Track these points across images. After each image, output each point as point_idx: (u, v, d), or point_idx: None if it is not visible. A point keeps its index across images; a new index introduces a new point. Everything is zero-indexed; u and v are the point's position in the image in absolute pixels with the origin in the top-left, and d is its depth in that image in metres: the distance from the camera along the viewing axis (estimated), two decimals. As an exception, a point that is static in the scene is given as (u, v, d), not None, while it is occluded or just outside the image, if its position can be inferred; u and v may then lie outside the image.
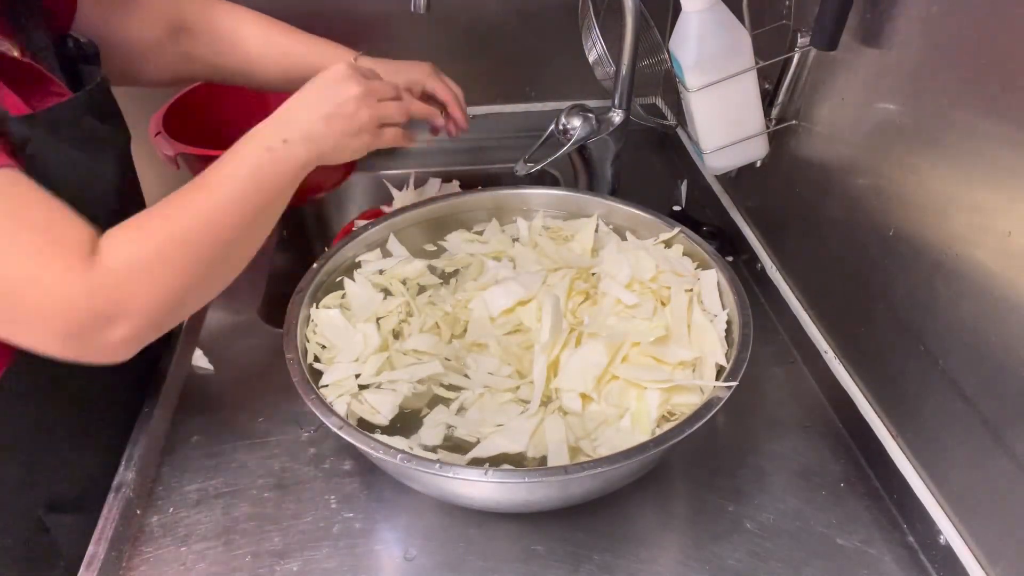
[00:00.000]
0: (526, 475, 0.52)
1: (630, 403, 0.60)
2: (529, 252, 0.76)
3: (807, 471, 0.67)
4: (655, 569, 0.60)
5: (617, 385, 0.61)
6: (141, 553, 0.61)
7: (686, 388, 0.59)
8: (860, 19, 0.64)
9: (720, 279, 0.67)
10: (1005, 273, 0.50)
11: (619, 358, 0.61)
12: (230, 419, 0.72)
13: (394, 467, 0.56)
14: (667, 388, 0.59)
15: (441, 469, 0.52)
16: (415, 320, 0.69)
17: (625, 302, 0.66)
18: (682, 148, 1.12)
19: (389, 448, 0.53)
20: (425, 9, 0.76)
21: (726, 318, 0.64)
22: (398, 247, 0.77)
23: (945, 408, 0.58)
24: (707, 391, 0.58)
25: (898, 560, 0.60)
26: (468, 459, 0.57)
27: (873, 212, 0.65)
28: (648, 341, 0.62)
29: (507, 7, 1.10)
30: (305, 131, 0.58)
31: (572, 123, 0.87)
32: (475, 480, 0.51)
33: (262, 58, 0.79)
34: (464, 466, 0.53)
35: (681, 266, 0.70)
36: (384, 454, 0.52)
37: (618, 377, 0.61)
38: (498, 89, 1.19)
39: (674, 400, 0.59)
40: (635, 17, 0.82)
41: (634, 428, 0.58)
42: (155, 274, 0.50)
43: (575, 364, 0.61)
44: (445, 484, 0.56)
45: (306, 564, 0.60)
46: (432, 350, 0.66)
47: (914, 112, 0.59)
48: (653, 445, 0.52)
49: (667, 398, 0.59)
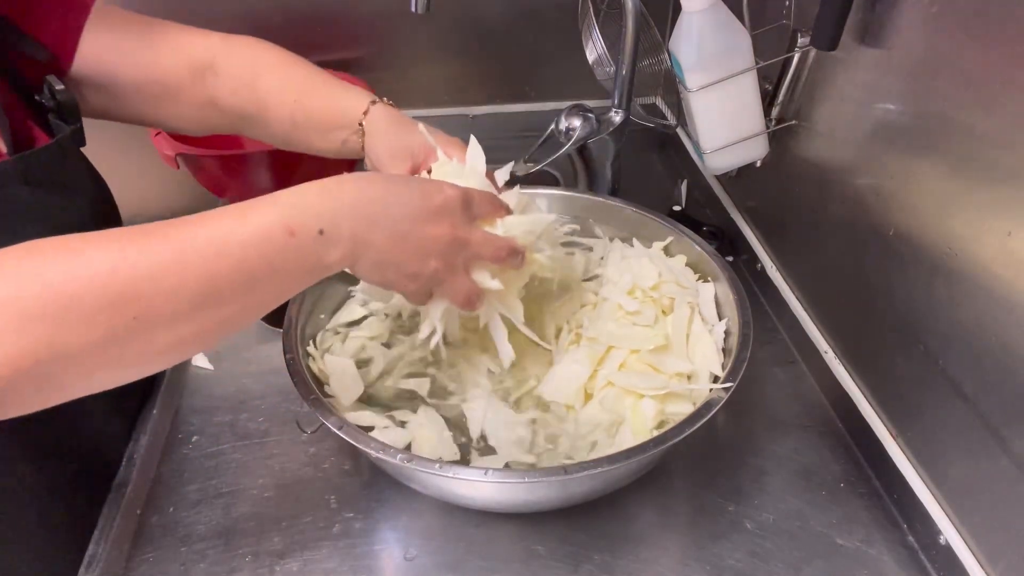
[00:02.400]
0: (526, 475, 0.52)
1: (625, 412, 0.60)
2: None
3: (807, 471, 0.67)
4: (655, 569, 0.60)
5: (613, 392, 0.61)
6: (141, 553, 0.61)
7: (680, 396, 0.59)
8: (860, 19, 0.64)
9: (717, 291, 0.67)
10: (1005, 273, 0.50)
11: (615, 365, 0.61)
12: (230, 419, 0.72)
13: (393, 467, 0.56)
14: (662, 395, 0.59)
15: (441, 469, 0.52)
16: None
17: (626, 308, 0.66)
18: (682, 148, 1.12)
19: (388, 448, 0.53)
20: (425, 9, 0.76)
21: (724, 328, 0.64)
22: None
23: (945, 408, 0.58)
24: (703, 397, 0.58)
25: (898, 560, 0.60)
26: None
27: (873, 212, 0.65)
28: (647, 349, 0.62)
29: (507, 7, 1.10)
30: (355, 231, 0.44)
31: (572, 123, 0.87)
32: (475, 480, 0.51)
33: (277, 95, 0.66)
34: (464, 466, 0.53)
35: (684, 277, 0.70)
36: (384, 454, 0.52)
37: (614, 384, 0.61)
38: (498, 89, 1.19)
39: (668, 409, 0.60)
40: (635, 17, 0.82)
41: (635, 438, 0.58)
42: (8, 318, 0.36)
43: (559, 373, 0.62)
44: (445, 484, 0.56)
45: (306, 564, 0.60)
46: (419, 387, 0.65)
47: (914, 112, 0.59)
48: (653, 445, 0.52)
49: (662, 408, 0.59)
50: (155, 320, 0.39)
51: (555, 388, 0.62)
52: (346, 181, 0.46)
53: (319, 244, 0.43)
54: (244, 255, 0.41)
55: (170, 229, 0.40)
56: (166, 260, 0.39)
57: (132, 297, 0.38)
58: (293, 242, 0.42)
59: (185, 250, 0.39)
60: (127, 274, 0.38)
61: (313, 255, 0.43)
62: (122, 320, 0.38)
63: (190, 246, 0.40)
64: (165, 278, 0.39)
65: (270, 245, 0.41)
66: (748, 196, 0.93)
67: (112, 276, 0.38)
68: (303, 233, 0.42)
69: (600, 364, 0.62)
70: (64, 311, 0.37)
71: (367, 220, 0.45)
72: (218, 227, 0.41)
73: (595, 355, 0.62)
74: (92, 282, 0.37)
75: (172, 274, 0.39)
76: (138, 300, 0.38)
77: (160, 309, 0.39)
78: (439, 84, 1.17)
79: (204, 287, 0.40)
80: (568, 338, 0.66)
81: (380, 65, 1.14)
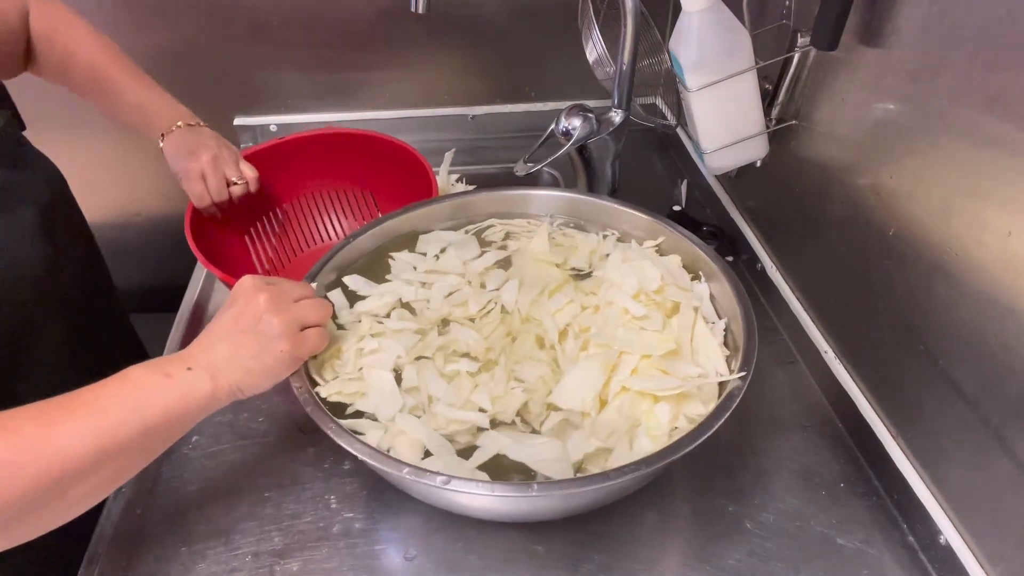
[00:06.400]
0: (529, 489, 0.51)
1: (640, 416, 0.59)
2: (528, 264, 0.74)
3: (807, 471, 0.67)
4: (655, 569, 0.60)
5: (628, 397, 0.60)
6: (141, 553, 0.61)
7: (693, 397, 0.59)
8: (860, 19, 0.64)
9: (713, 289, 0.67)
10: (1005, 273, 0.50)
11: (628, 371, 0.61)
12: (230, 419, 0.72)
13: (397, 479, 0.55)
14: (677, 396, 0.58)
15: (445, 483, 0.50)
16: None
17: (633, 313, 0.65)
18: (682, 148, 1.12)
19: (390, 460, 0.52)
20: (425, 9, 0.76)
21: (724, 325, 0.64)
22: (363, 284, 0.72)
23: (945, 408, 0.58)
24: (713, 397, 0.58)
25: (898, 560, 0.60)
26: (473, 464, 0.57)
27: (873, 212, 0.65)
28: (659, 354, 0.61)
29: (507, 7, 1.10)
30: (208, 359, 0.52)
31: (572, 123, 0.87)
32: (479, 494, 0.50)
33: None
34: (466, 479, 0.51)
35: (681, 278, 0.69)
36: (386, 465, 0.51)
37: (628, 389, 0.60)
38: (498, 89, 1.19)
39: (683, 411, 0.59)
40: (635, 17, 0.82)
41: (654, 443, 0.57)
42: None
43: (572, 380, 0.61)
44: (444, 496, 0.55)
45: (306, 564, 0.60)
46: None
47: (914, 112, 0.59)
48: (670, 452, 0.52)
49: (677, 412, 0.59)
50: (74, 475, 0.45)
51: (570, 395, 0.60)
52: (204, 331, 0.55)
53: (190, 379, 0.51)
54: (140, 400, 0.48)
55: (72, 401, 0.46)
56: (89, 449, 0.45)
57: (60, 458, 0.44)
58: (167, 383, 0.50)
59: (91, 409, 0.46)
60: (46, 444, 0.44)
61: (192, 389, 0.51)
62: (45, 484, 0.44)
63: (98, 405, 0.47)
64: (83, 438, 0.45)
65: (160, 383, 0.50)
66: (748, 196, 0.93)
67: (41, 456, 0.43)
68: (176, 374, 0.50)
69: (614, 371, 0.62)
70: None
71: (210, 346, 0.53)
72: (113, 386, 0.48)
73: (608, 361, 0.61)
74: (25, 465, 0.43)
75: (92, 455, 0.45)
76: (65, 461, 0.44)
77: (78, 464, 0.45)
78: (439, 84, 1.17)
79: (110, 437, 0.46)
80: (576, 344, 0.66)
81: (380, 65, 1.14)
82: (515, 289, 0.69)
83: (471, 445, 0.58)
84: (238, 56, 1.10)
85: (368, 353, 0.63)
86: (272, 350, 0.54)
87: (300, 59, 1.12)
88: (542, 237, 0.76)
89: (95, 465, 0.45)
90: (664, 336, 0.62)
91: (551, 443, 0.57)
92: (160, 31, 1.06)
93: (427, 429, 0.58)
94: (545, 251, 0.75)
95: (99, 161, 1.19)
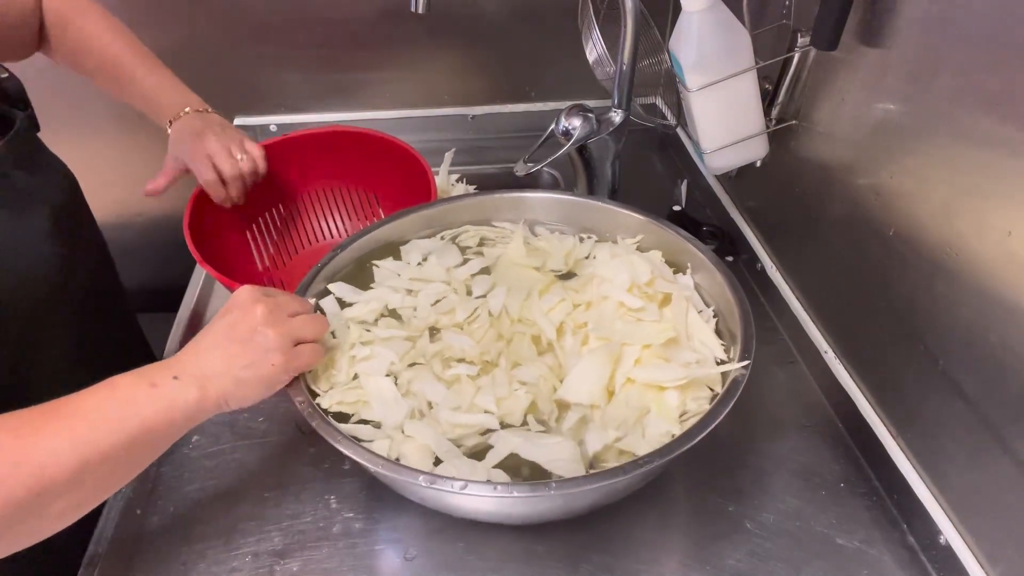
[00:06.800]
0: (531, 490, 0.50)
1: (649, 404, 0.59)
2: (511, 268, 0.74)
3: (807, 471, 0.67)
4: (655, 569, 0.60)
5: (635, 388, 0.60)
6: (141, 553, 0.61)
7: (698, 384, 0.59)
8: (860, 19, 0.64)
9: (698, 279, 0.68)
10: (1005, 273, 0.50)
11: (631, 362, 0.61)
12: (230, 419, 0.72)
13: (393, 481, 0.55)
14: (684, 384, 0.59)
15: (443, 484, 0.50)
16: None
17: (629, 305, 0.65)
18: (682, 148, 1.12)
19: (387, 462, 0.52)
20: (425, 9, 0.76)
21: (712, 314, 0.65)
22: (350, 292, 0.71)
23: (945, 408, 0.58)
24: (716, 382, 0.59)
25: (898, 560, 0.60)
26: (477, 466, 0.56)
27: (873, 212, 0.65)
28: (659, 343, 0.61)
29: (507, 7, 1.10)
30: (198, 367, 0.51)
31: (572, 123, 0.87)
32: (481, 496, 0.50)
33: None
34: (466, 480, 0.51)
35: (664, 272, 0.70)
36: (384, 469, 0.51)
37: (634, 381, 0.60)
38: (498, 89, 1.19)
39: (689, 398, 0.59)
40: (635, 17, 0.82)
41: (668, 425, 0.57)
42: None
43: (578, 374, 0.61)
44: (441, 498, 0.55)
45: (306, 564, 0.60)
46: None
47: (914, 112, 0.59)
48: (678, 444, 0.52)
49: (684, 397, 0.59)
50: (59, 488, 0.43)
51: (578, 389, 0.60)
52: (194, 339, 0.54)
53: (175, 388, 0.49)
54: (126, 410, 0.47)
55: (59, 409, 0.45)
56: (71, 462, 0.43)
57: (40, 470, 0.42)
58: (153, 392, 0.48)
59: (76, 420, 0.45)
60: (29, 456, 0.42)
61: (178, 398, 0.49)
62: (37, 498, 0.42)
63: (83, 416, 0.45)
64: (68, 448, 0.43)
65: (146, 393, 0.48)
66: (748, 196, 0.93)
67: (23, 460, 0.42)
68: (161, 384, 0.49)
69: (617, 363, 0.62)
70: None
71: (199, 355, 0.52)
72: (98, 396, 0.47)
73: (612, 354, 0.61)
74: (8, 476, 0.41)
75: (73, 468, 0.44)
76: (46, 473, 0.43)
77: (66, 476, 0.43)
78: (439, 84, 1.18)
79: (96, 449, 0.45)
80: (576, 340, 0.66)
81: (380, 65, 1.14)
82: (503, 294, 0.69)
83: (478, 448, 0.58)
84: (238, 56, 1.11)
85: (361, 360, 0.63)
86: (265, 362, 0.53)
87: (300, 59, 1.12)
88: (517, 242, 0.75)
89: (77, 479, 0.43)
90: (663, 325, 0.63)
91: (564, 443, 0.57)
92: (160, 31, 1.06)
93: (435, 434, 0.58)
94: (522, 255, 0.74)
95: (99, 161, 1.19)
